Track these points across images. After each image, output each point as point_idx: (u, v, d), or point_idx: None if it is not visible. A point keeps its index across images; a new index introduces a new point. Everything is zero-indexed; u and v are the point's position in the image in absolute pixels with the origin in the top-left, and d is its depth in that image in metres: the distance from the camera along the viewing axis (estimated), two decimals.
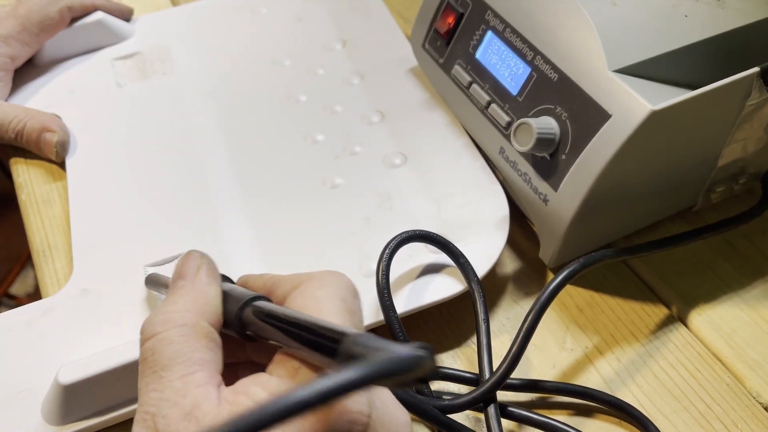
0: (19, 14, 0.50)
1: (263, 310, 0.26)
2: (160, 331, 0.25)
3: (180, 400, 0.23)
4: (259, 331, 0.26)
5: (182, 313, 0.25)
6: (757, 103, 0.36)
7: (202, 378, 0.24)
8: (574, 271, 0.36)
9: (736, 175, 0.42)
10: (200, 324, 0.25)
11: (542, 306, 0.35)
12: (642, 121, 0.32)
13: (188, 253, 0.29)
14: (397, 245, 0.37)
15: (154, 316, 0.26)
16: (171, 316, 0.25)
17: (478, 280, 0.37)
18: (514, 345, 0.34)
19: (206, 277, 0.27)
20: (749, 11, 0.37)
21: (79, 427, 0.33)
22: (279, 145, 0.46)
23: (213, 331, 0.26)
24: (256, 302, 0.26)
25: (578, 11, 0.36)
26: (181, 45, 0.54)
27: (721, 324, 0.39)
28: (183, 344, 0.24)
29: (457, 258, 0.38)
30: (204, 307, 0.26)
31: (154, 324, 0.25)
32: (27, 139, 0.46)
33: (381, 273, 0.36)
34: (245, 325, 0.26)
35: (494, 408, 0.34)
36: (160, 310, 0.26)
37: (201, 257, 0.28)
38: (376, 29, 0.54)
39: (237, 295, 0.27)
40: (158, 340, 0.24)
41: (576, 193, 0.35)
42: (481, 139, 0.43)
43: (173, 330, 0.25)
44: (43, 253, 0.42)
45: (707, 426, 0.35)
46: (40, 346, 0.36)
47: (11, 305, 1.04)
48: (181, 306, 0.26)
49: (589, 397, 0.35)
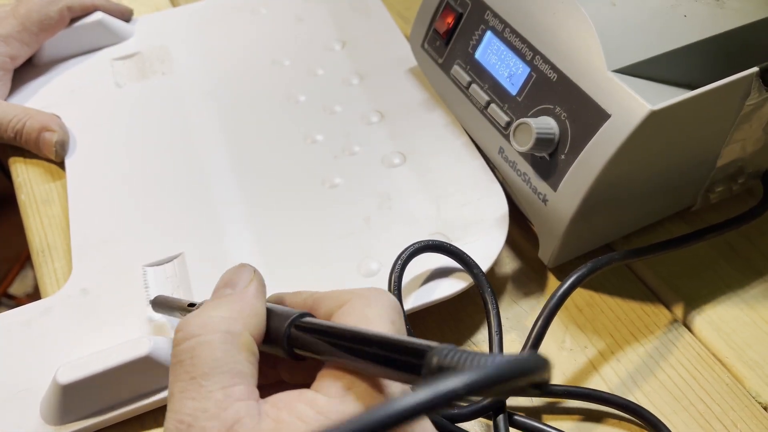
0: (19, 14, 0.50)
1: (316, 326, 0.24)
2: (202, 333, 0.23)
3: (221, 413, 0.22)
4: (314, 348, 0.24)
5: (226, 320, 0.24)
6: (756, 103, 0.36)
7: (243, 392, 0.22)
8: (583, 276, 0.36)
9: (735, 175, 0.42)
10: (244, 335, 0.24)
11: (552, 311, 0.35)
12: (641, 121, 0.32)
13: (241, 265, 0.28)
14: (411, 255, 0.36)
15: (194, 317, 0.24)
16: (214, 320, 0.24)
17: (492, 292, 0.37)
18: (524, 350, 0.34)
19: (255, 290, 0.26)
20: (749, 11, 0.37)
21: (77, 427, 0.33)
22: (278, 145, 0.46)
23: (255, 345, 0.24)
24: (304, 318, 0.25)
25: (577, 11, 0.36)
26: (180, 45, 0.54)
27: (721, 324, 0.39)
28: (225, 353, 0.23)
29: (471, 269, 0.37)
30: (249, 319, 0.25)
31: (195, 325, 0.24)
32: (26, 138, 0.46)
33: (393, 283, 0.35)
34: (294, 342, 0.25)
35: (504, 418, 0.33)
36: (201, 313, 0.24)
37: (254, 272, 0.27)
38: (375, 29, 0.54)
39: (281, 312, 0.26)
40: (199, 343, 0.23)
41: (575, 193, 0.35)
42: (481, 139, 0.43)
43: (216, 335, 0.23)
44: (42, 253, 0.42)
45: (707, 426, 0.34)
46: (40, 346, 0.36)
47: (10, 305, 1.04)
48: (225, 312, 0.24)
49: (601, 400, 0.35)
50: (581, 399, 0.35)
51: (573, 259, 0.41)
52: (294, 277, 0.39)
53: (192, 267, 0.39)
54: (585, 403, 0.35)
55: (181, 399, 0.22)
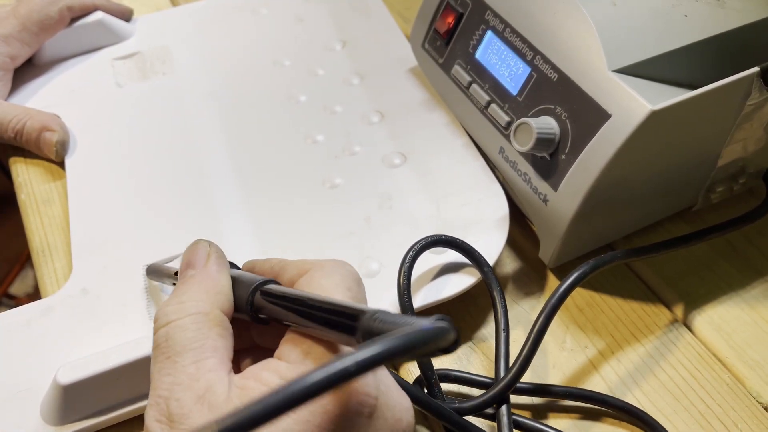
0: (19, 14, 0.50)
1: (275, 292, 0.26)
2: (174, 318, 0.25)
3: (193, 383, 0.23)
4: (273, 314, 0.26)
5: (195, 302, 0.26)
6: (756, 103, 0.36)
7: (214, 363, 0.24)
8: (584, 274, 0.36)
9: (736, 175, 0.42)
10: (213, 312, 0.26)
11: (552, 308, 0.35)
12: (642, 121, 0.32)
13: (195, 242, 0.29)
14: (422, 248, 0.36)
15: (167, 305, 0.26)
16: (184, 305, 0.26)
17: (501, 290, 0.37)
18: (525, 348, 0.34)
19: (216, 265, 0.28)
20: (749, 11, 0.37)
21: (78, 428, 0.33)
22: (279, 145, 0.46)
23: (225, 319, 0.26)
24: (266, 286, 0.27)
25: (578, 11, 0.36)
26: (181, 45, 0.54)
27: (721, 324, 0.39)
28: (196, 331, 0.25)
29: (481, 266, 0.38)
30: (216, 296, 0.27)
31: (168, 312, 0.26)
32: (27, 138, 0.46)
33: (403, 275, 0.36)
34: (257, 309, 0.27)
35: (506, 409, 0.33)
36: (173, 299, 0.26)
37: (209, 245, 0.29)
38: (376, 29, 0.54)
39: (246, 280, 0.27)
40: (172, 327, 0.25)
41: (576, 193, 0.35)
42: (481, 139, 0.43)
43: (187, 318, 0.25)
44: (42, 253, 0.42)
45: (707, 426, 0.34)
46: (40, 346, 0.36)
47: (11, 305, 1.04)
48: (193, 294, 0.26)
49: (600, 402, 0.35)
50: (580, 400, 0.35)
51: (574, 260, 0.41)
52: None
53: None
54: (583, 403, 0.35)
55: (159, 377, 0.24)
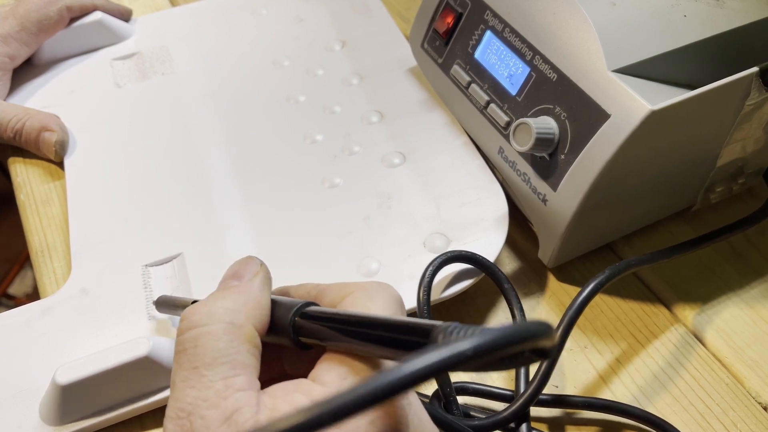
0: (18, 14, 0.50)
1: (322, 313, 0.25)
2: (206, 323, 0.23)
3: (220, 402, 0.22)
4: (319, 335, 0.24)
5: (231, 311, 0.24)
6: (756, 103, 0.36)
7: (243, 382, 0.23)
8: (601, 284, 0.35)
9: (736, 175, 0.42)
10: (247, 326, 0.24)
11: (571, 320, 0.34)
12: (641, 121, 0.32)
13: (248, 257, 0.28)
14: (442, 263, 0.36)
15: (199, 307, 0.24)
16: (218, 311, 0.24)
17: (521, 307, 0.37)
18: (543, 363, 0.33)
19: (261, 283, 0.26)
20: (748, 11, 0.37)
21: (76, 428, 0.33)
22: (278, 145, 0.46)
23: (257, 337, 0.24)
24: (309, 308, 0.25)
25: (577, 11, 0.36)
26: (180, 45, 0.54)
27: (721, 324, 0.39)
28: (228, 342, 0.23)
29: (501, 283, 0.37)
30: (254, 311, 0.25)
31: (200, 314, 0.24)
32: (26, 138, 0.46)
33: (422, 290, 0.35)
34: (299, 331, 0.25)
35: (526, 427, 0.33)
36: (206, 303, 0.24)
37: (261, 265, 0.27)
38: (375, 30, 0.54)
39: (286, 303, 0.26)
40: (202, 333, 0.23)
41: (575, 193, 0.35)
42: (480, 138, 0.43)
43: (219, 325, 0.23)
44: (41, 253, 0.42)
45: (706, 426, 0.34)
46: (39, 346, 0.36)
47: (10, 305, 1.04)
48: (230, 303, 0.25)
49: (621, 412, 0.34)
50: (601, 411, 0.35)
51: (573, 259, 0.41)
52: (294, 276, 0.38)
53: (192, 267, 0.39)
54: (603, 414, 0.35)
55: (182, 388, 0.23)
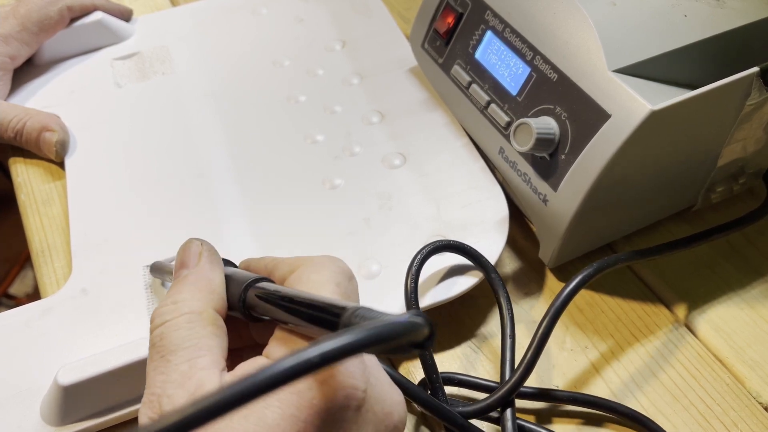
0: (18, 13, 0.50)
1: (265, 290, 0.27)
2: (169, 318, 0.26)
3: (185, 381, 0.24)
4: (263, 311, 0.26)
5: (189, 302, 0.26)
6: (756, 103, 0.36)
7: (206, 362, 0.24)
8: (589, 276, 0.36)
9: (736, 175, 0.42)
10: (206, 311, 0.26)
11: (557, 311, 0.35)
12: (641, 121, 0.32)
13: (188, 241, 0.30)
14: (430, 252, 0.36)
15: (162, 305, 0.27)
16: (178, 305, 0.26)
17: (507, 296, 0.37)
18: (528, 352, 0.34)
19: (208, 264, 0.28)
20: (749, 11, 0.37)
21: (78, 428, 0.33)
22: (279, 145, 0.46)
23: (218, 317, 0.27)
24: (257, 284, 0.27)
25: (578, 11, 0.36)
26: (181, 45, 0.54)
27: (721, 324, 0.39)
28: (189, 330, 0.25)
29: (488, 272, 0.38)
30: (209, 295, 0.27)
31: (163, 312, 0.26)
32: (27, 138, 0.46)
33: (410, 279, 0.36)
34: (249, 307, 0.27)
35: (511, 413, 0.33)
36: (168, 299, 0.27)
37: (201, 244, 0.29)
38: (376, 30, 0.54)
39: (239, 278, 0.28)
40: (166, 326, 0.26)
41: (575, 193, 0.35)
42: (481, 139, 0.43)
43: (181, 317, 0.26)
44: (42, 254, 0.42)
45: (707, 426, 0.34)
46: (40, 346, 0.36)
47: (10, 305, 1.04)
48: (186, 294, 0.27)
49: (605, 408, 0.35)
50: (585, 405, 0.35)
51: (573, 260, 0.41)
52: None
53: None
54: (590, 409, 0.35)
55: (153, 375, 0.25)
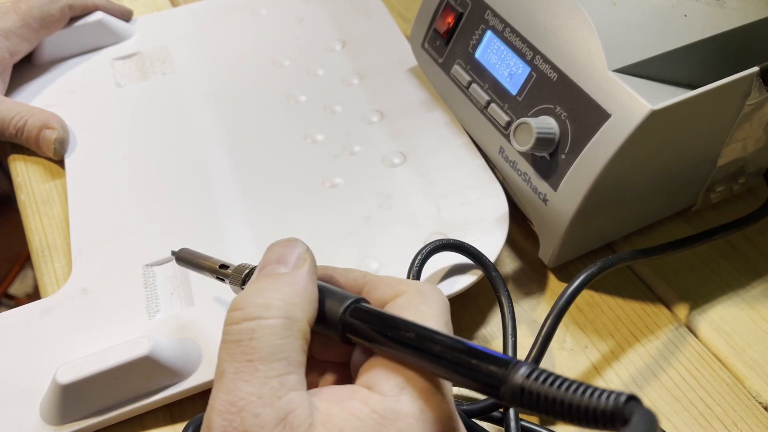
0: (20, 9, 0.50)
1: (378, 315, 0.23)
2: (264, 316, 0.23)
3: (275, 401, 0.21)
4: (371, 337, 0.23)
5: (288, 306, 0.23)
6: (756, 103, 0.36)
7: (296, 382, 0.22)
8: (592, 275, 0.36)
9: (736, 175, 0.42)
10: (303, 322, 0.23)
11: (560, 310, 0.35)
12: (642, 121, 0.32)
13: (292, 238, 0.26)
14: (431, 252, 0.36)
15: (254, 296, 0.23)
16: (274, 303, 0.23)
17: (508, 295, 0.37)
18: (532, 351, 0.34)
19: (310, 273, 0.25)
20: (749, 11, 0.37)
21: (77, 427, 0.33)
22: (279, 145, 0.46)
23: (309, 332, 0.24)
24: (361, 305, 0.24)
25: (578, 11, 0.36)
26: (181, 45, 0.54)
27: (721, 324, 0.39)
28: (285, 339, 0.22)
29: (489, 271, 0.38)
30: (307, 306, 0.24)
31: (256, 306, 0.23)
32: (27, 136, 0.46)
33: (412, 278, 0.36)
34: (348, 328, 0.24)
35: (514, 412, 0.33)
36: (261, 293, 0.24)
37: (307, 251, 0.26)
38: (376, 29, 0.54)
39: (335, 294, 0.25)
40: (260, 326, 0.22)
41: (576, 193, 0.35)
42: (481, 138, 0.43)
43: (278, 320, 0.23)
44: (42, 253, 0.42)
45: (707, 426, 0.34)
46: (40, 346, 0.36)
47: (10, 305, 1.05)
48: (284, 296, 0.24)
49: None
50: None
51: (574, 259, 0.41)
52: None
53: None
54: None
55: (234, 380, 0.22)
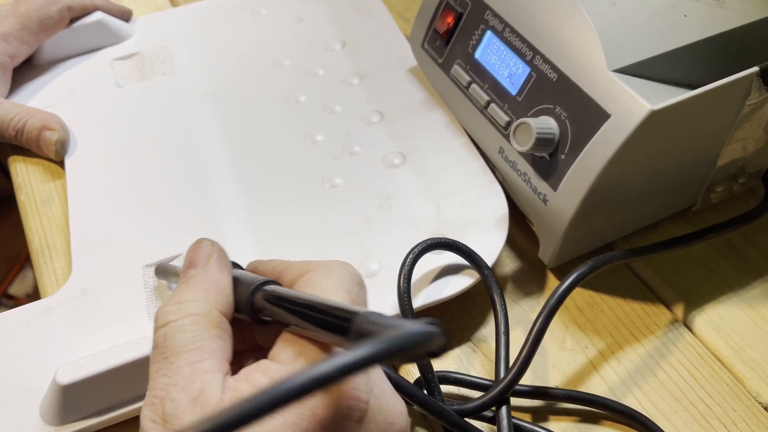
0: (19, 12, 0.50)
1: (274, 293, 0.26)
2: (173, 319, 0.25)
3: (188, 385, 0.24)
4: (271, 314, 0.26)
5: (194, 303, 0.26)
6: (756, 103, 0.36)
7: (210, 365, 0.24)
8: (584, 274, 0.36)
9: (736, 175, 0.42)
10: (212, 313, 0.26)
11: (551, 310, 0.35)
12: (641, 121, 0.32)
13: (198, 241, 0.29)
14: (422, 251, 0.36)
15: (167, 305, 0.26)
16: (183, 305, 0.26)
17: (501, 292, 0.37)
18: (524, 349, 0.34)
19: (217, 265, 0.28)
20: (748, 11, 0.37)
21: (77, 428, 0.33)
22: (278, 145, 0.46)
23: (224, 320, 0.26)
24: (266, 286, 0.27)
25: (578, 11, 0.36)
26: (180, 46, 0.54)
27: (721, 324, 0.39)
28: (194, 332, 0.25)
29: (481, 268, 0.38)
30: (215, 297, 0.27)
31: (167, 312, 0.26)
32: (27, 137, 0.46)
33: (403, 278, 0.36)
34: (257, 309, 0.27)
35: (506, 410, 0.33)
36: (173, 299, 0.26)
37: (211, 245, 0.29)
38: (375, 30, 0.54)
39: (247, 280, 0.27)
40: (170, 327, 0.25)
41: (575, 193, 0.35)
42: (481, 138, 0.43)
43: (186, 319, 0.25)
44: (42, 254, 0.42)
45: (707, 426, 0.34)
46: (40, 346, 0.36)
47: (10, 306, 1.04)
48: (192, 295, 0.26)
49: (601, 405, 0.35)
50: (580, 403, 0.35)
51: (574, 260, 0.41)
52: None
53: None
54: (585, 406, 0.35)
55: (156, 377, 0.24)
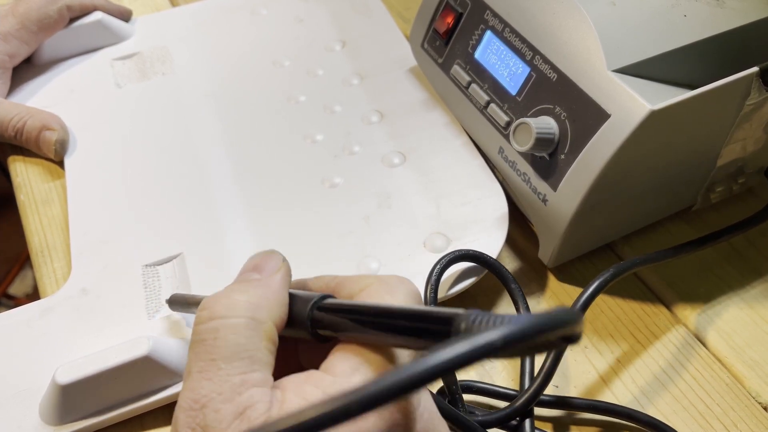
0: (18, 12, 0.50)
1: (339, 305, 0.25)
2: (228, 315, 0.23)
3: (235, 397, 0.22)
4: (337, 327, 0.24)
5: (252, 306, 0.24)
6: (756, 103, 0.36)
7: (259, 379, 0.23)
8: (606, 281, 0.36)
9: (736, 175, 0.42)
10: (268, 323, 0.24)
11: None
12: (641, 121, 0.32)
13: (271, 251, 0.28)
14: (449, 263, 0.36)
15: (221, 298, 0.24)
16: (239, 303, 0.24)
17: (527, 307, 0.37)
18: (547, 360, 0.33)
19: (282, 280, 0.26)
20: (748, 11, 0.37)
21: (76, 427, 0.33)
22: (278, 145, 0.46)
23: (276, 334, 0.24)
24: (326, 300, 0.25)
25: (577, 11, 0.36)
26: (180, 46, 0.54)
27: (721, 324, 0.39)
28: (248, 338, 0.23)
29: (509, 283, 0.38)
30: (274, 308, 0.25)
31: (221, 306, 0.24)
32: (27, 137, 0.46)
33: (430, 288, 0.36)
34: (317, 324, 0.25)
35: (529, 423, 0.33)
36: (228, 294, 0.24)
37: (283, 261, 0.27)
38: (375, 30, 0.54)
39: (303, 297, 0.26)
40: (224, 325, 0.23)
41: (575, 193, 0.35)
42: (481, 138, 0.43)
43: (241, 319, 0.23)
44: (41, 254, 0.42)
45: (706, 426, 0.34)
46: (39, 346, 0.36)
47: (10, 306, 1.05)
48: (252, 297, 0.24)
49: (624, 415, 0.34)
50: (604, 413, 0.34)
51: (573, 259, 0.41)
52: (293, 276, 0.39)
53: (191, 267, 0.39)
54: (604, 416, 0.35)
55: (198, 379, 0.22)
